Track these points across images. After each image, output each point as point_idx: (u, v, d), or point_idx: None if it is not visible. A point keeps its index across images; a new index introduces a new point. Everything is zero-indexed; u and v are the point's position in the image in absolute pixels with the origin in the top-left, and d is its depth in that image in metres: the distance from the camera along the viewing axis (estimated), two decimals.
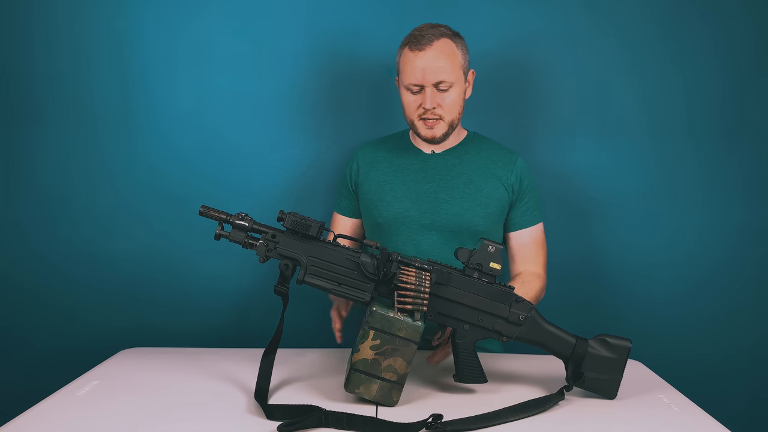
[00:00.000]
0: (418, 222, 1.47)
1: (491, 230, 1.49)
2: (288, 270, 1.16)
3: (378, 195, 1.51)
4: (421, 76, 1.39)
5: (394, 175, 1.51)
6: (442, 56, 1.39)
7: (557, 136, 1.79)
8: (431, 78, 1.39)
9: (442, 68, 1.39)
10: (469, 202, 1.46)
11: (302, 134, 1.79)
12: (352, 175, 1.57)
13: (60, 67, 1.74)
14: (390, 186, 1.50)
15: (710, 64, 1.78)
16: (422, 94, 1.41)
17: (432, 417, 1.05)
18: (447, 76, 1.39)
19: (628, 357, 1.21)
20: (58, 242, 1.77)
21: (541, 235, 1.54)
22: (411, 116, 1.45)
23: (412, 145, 1.55)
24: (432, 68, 1.38)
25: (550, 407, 1.14)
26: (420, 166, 1.51)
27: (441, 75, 1.39)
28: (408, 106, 1.45)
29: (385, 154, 1.55)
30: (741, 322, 1.83)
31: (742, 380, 1.84)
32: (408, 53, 1.41)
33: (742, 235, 1.81)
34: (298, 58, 1.76)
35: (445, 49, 1.40)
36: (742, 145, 1.80)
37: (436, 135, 1.45)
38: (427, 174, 1.50)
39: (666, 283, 1.82)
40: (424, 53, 1.39)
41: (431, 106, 1.41)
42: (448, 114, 1.43)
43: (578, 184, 1.80)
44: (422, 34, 1.40)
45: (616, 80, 1.78)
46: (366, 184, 1.53)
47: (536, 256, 1.51)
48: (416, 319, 1.12)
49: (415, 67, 1.39)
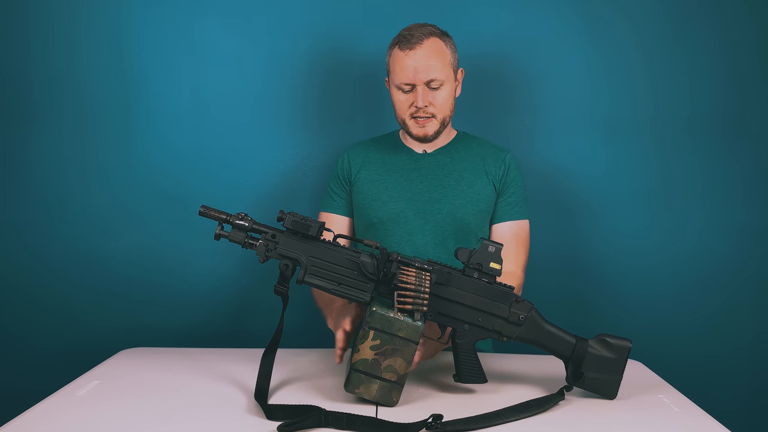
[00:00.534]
0: (412, 221, 1.47)
1: (482, 227, 1.50)
2: (288, 270, 1.16)
3: (372, 194, 1.50)
4: (412, 74, 1.40)
5: (388, 175, 1.51)
6: (432, 55, 1.40)
7: (556, 136, 1.79)
8: (422, 76, 1.40)
9: (433, 66, 1.40)
10: (461, 200, 1.47)
11: (301, 134, 1.79)
12: (345, 173, 1.56)
13: (57, 67, 1.73)
14: (384, 185, 1.50)
15: (711, 63, 1.79)
16: (414, 93, 1.42)
17: (432, 417, 1.04)
18: (438, 74, 1.41)
19: (628, 357, 1.21)
20: (55, 242, 1.77)
21: (524, 233, 1.51)
22: (402, 115, 1.46)
23: (404, 145, 1.55)
24: (423, 66, 1.40)
25: (550, 407, 1.14)
26: (413, 166, 1.51)
27: (432, 73, 1.40)
28: (399, 106, 1.45)
29: (377, 154, 1.55)
30: (741, 320, 1.83)
31: (743, 378, 1.85)
32: (398, 53, 1.42)
33: (742, 234, 1.81)
34: (297, 58, 1.76)
35: (435, 48, 1.41)
36: (742, 145, 1.80)
37: (428, 133, 1.46)
38: (421, 173, 1.50)
39: (666, 281, 1.82)
40: (415, 52, 1.40)
41: (423, 104, 1.42)
42: (440, 112, 1.44)
43: (577, 184, 1.80)
44: (411, 34, 1.41)
45: (616, 80, 1.79)
46: (359, 184, 1.53)
47: (516, 254, 1.48)
48: (416, 319, 1.12)
49: (406, 66, 1.40)
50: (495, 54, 1.77)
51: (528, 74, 1.79)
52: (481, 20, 1.76)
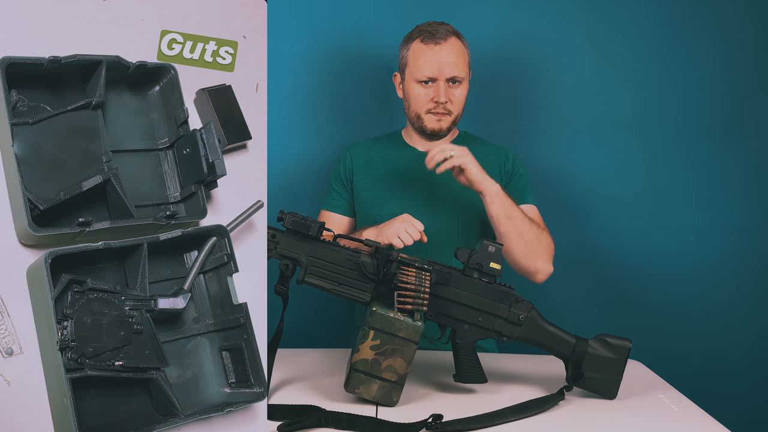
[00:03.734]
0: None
1: (488, 224, 1.48)
2: (288, 270, 1.16)
3: (375, 193, 1.50)
4: (437, 69, 1.41)
5: (391, 174, 1.51)
6: (455, 52, 1.43)
7: (555, 137, 1.79)
8: (447, 72, 1.42)
9: (456, 64, 1.42)
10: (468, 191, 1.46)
11: (301, 135, 1.79)
12: (347, 172, 1.56)
13: None
14: (388, 184, 1.50)
15: (708, 64, 1.79)
16: (434, 88, 1.43)
17: (432, 417, 1.04)
18: (459, 72, 1.43)
19: (628, 357, 1.21)
20: None
21: (537, 215, 1.48)
22: (419, 109, 1.46)
23: (407, 145, 1.55)
24: (448, 63, 1.42)
25: (550, 407, 1.14)
26: (415, 165, 1.51)
27: (455, 71, 1.42)
28: (417, 99, 1.46)
29: (380, 153, 1.55)
30: (741, 321, 1.84)
31: (743, 378, 1.85)
32: (421, 46, 1.43)
33: (739, 234, 1.82)
34: (297, 58, 1.77)
35: (457, 47, 1.43)
36: (739, 145, 1.81)
37: (443, 127, 1.47)
38: (423, 172, 1.49)
39: (666, 281, 1.82)
40: (440, 47, 1.42)
41: (444, 99, 1.43)
42: (456, 109, 1.46)
43: (576, 184, 1.80)
44: (435, 29, 1.43)
45: (613, 80, 1.79)
46: (361, 183, 1.53)
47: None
48: (416, 319, 1.12)
49: (429, 61, 1.42)
50: (495, 54, 1.77)
51: (527, 74, 1.79)
52: (480, 20, 1.76)
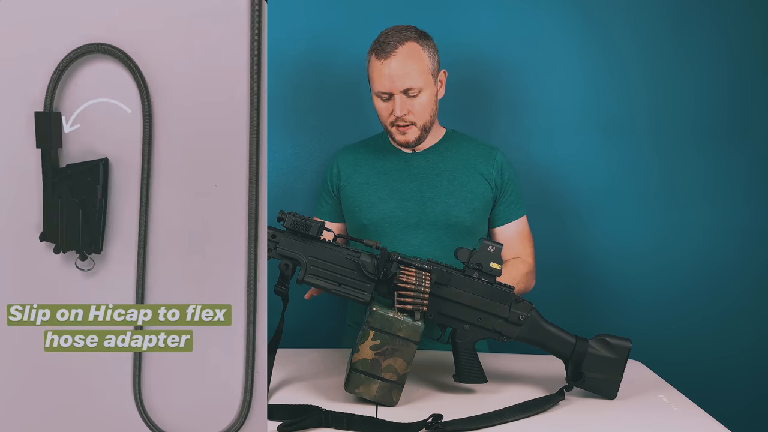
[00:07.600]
0: (404, 222, 1.46)
1: (477, 226, 1.48)
2: (288, 270, 1.16)
3: (362, 197, 1.50)
4: (388, 83, 1.38)
5: (377, 177, 1.50)
6: (408, 62, 1.37)
7: (555, 137, 1.79)
8: (399, 85, 1.38)
9: (409, 74, 1.37)
10: (455, 199, 1.46)
11: (300, 135, 1.79)
12: (333, 180, 1.55)
13: None
14: (374, 188, 1.50)
15: (712, 64, 1.78)
16: (392, 101, 1.40)
17: (432, 417, 1.05)
18: (414, 82, 1.38)
19: (628, 357, 1.21)
20: None
21: (526, 227, 1.53)
22: (384, 123, 1.45)
23: (393, 147, 1.53)
24: (399, 75, 1.37)
25: (550, 407, 1.14)
26: (402, 166, 1.50)
27: (408, 81, 1.37)
28: (380, 113, 1.44)
29: (366, 156, 1.54)
30: (743, 322, 1.83)
31: (744, 379, 1.84)
32: (374, 61, 1.40)
33: (744, 236, 1.81)
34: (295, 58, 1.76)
35: (411, 54, 1.38)
36: (744, 146, 1.80)
37: (409, 140, 1.44)
38: (411, 173, 1.49)
39: (668, 283, 1.81)
40: (389, 61, 1.37)
41: (402, 113, 1.39)
42: (419, 119, 1.42)
43: (577, 185, 1.79)
44: (387, 41, 1.38)
45: (616, 81, 1.78)
46: (348, 187, 1.52)
47: (523, 248, 1.50)
48: (416, 319, 1.12)
49: (382, 75, 1.38)
50: (493, 54, 1.77)
51: (527, 74, 1.78)
52: (479, 20, 1.75)
